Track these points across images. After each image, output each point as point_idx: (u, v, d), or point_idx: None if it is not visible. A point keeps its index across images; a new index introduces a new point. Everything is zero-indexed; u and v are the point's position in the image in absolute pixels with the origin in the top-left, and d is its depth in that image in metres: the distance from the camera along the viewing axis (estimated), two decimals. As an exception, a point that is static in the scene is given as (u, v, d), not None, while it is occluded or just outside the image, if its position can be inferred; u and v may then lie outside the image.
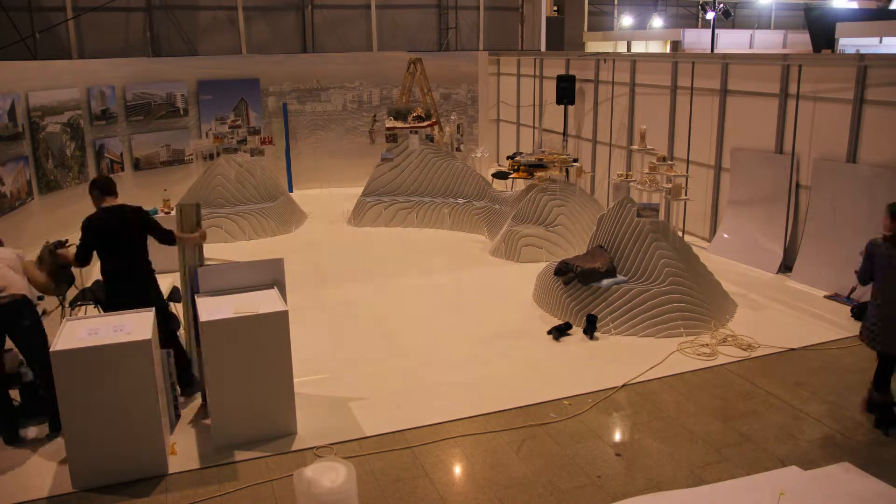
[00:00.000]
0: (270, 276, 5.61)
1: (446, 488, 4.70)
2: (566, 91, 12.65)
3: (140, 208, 5.71)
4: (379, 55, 15.38)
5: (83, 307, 6.44)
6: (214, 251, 9.98)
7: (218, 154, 11.70)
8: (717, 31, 21.51)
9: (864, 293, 7.63)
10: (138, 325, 4.89)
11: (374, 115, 14.52)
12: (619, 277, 7.30)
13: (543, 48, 18.14)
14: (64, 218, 10.96)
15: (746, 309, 7.64)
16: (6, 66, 10.12)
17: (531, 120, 14.95)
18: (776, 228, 9.02)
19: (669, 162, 7.92)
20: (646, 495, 4.57)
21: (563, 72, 13.08)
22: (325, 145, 14.57)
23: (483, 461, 4.99)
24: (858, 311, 7.32)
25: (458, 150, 12.95)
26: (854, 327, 7.17)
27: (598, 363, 6.47)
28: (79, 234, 5.50)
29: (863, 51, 15.28)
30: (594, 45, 24.51)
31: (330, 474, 4.01)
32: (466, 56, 15.31)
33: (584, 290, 7.30)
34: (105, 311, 5.71)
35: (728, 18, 24.42)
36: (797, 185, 8.85)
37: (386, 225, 11.24)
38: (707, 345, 6.70)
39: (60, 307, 6.46)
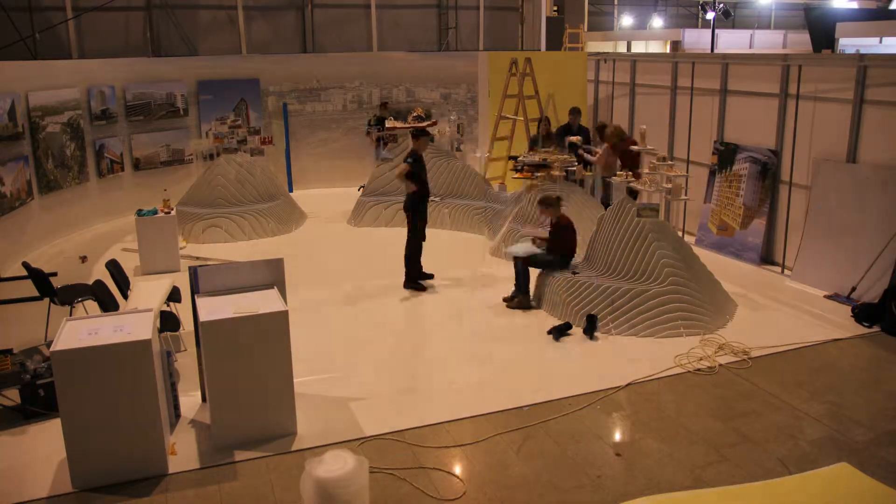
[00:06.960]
0: (270, 276, 5.61)
1: (446, 488, 4.70)
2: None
3: None
4: (379, 55, 15.37)
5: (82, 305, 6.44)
6: (214, 251, 9.99)
7: (218, 154, 11.69)
8: (717, 31, 21.55)
9: (865, 293, 7.65)
10: (138, 325, 4.89)
11: (375, 115, 14.52)
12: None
13: (543, 48, 18.12)
14: (64, 218, 10.98)
15: (746, 309, 7.64)
16: (6, 66, 10.12)
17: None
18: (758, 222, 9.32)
19: (669, 162, 7.92)
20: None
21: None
22: (325, 145, 14.57)
23: (483, 461, 4.99)
24: (859, 312, 7.31)
25: (458, 150, 12.95)
26: (854, 327, 7.19)
27: (598, 363, 6.47)
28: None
29: (863, 51, 15.28)
30: (594, 46, 24.52)
31: (339, 463, 4.01)
32: (466, 56, 15.30)
33: (585, 289, 7.30)
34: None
35: (728, 18, 24.45)
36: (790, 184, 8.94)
37: (386, 225, 11.23)
38: (704, 357, 6.51)
39: None
